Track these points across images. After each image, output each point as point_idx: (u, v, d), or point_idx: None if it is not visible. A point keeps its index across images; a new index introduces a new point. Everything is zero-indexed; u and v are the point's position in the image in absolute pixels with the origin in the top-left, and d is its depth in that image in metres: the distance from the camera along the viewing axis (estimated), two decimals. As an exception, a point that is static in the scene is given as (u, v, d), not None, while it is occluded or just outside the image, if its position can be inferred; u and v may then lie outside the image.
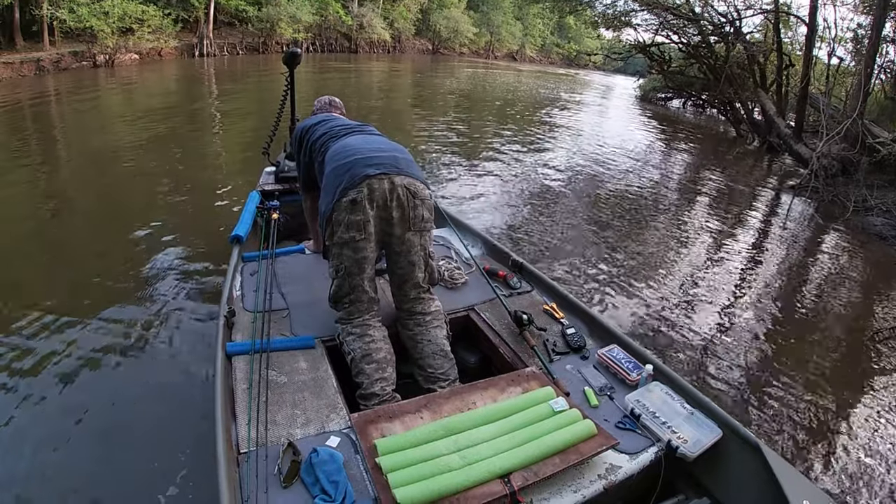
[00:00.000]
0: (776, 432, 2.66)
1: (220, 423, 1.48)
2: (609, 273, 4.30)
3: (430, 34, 32.66)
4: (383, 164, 1.93)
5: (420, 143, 8.23)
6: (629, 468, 1.53)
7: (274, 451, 1.47)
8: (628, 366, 1.93)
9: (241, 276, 2.49)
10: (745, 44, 11.95)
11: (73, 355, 2.67)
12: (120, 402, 2.38)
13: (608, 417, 1.72)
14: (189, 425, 2.22)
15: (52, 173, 5.71)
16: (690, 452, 1.55)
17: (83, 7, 14.06)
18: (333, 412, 1.66)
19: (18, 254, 3.86)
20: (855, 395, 3.10)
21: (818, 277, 4.99)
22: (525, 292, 2.54)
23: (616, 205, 6.31)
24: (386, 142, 2.16)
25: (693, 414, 1.69)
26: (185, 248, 3.97)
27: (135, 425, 2.26)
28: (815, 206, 7.23)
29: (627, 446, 1.60)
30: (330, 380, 1.80)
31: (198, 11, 18.56)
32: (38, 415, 2.28)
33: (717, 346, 3.43)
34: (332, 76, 17.32)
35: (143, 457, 2.09)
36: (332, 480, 1.36)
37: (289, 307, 2.25)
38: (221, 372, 1.72)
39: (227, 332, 2.00)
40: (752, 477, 1.55)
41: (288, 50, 3.18)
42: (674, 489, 1.66)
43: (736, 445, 1.62)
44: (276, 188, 3.40)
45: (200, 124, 8.78)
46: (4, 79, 11.86)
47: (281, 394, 1.71)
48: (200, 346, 2.78)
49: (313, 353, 1.95)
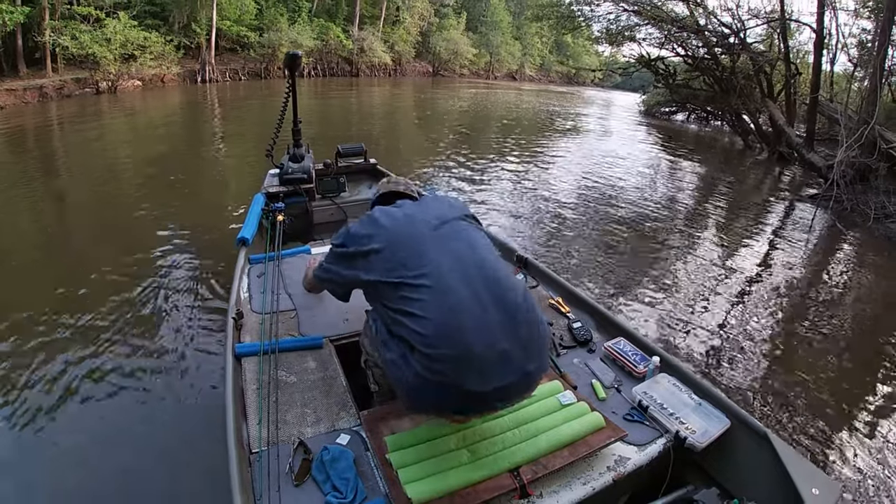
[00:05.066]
0: (785, 422, 2.65)
1: (231, 423, 1.50)
2: (624, 282, 4.21)
3: (430, 56, 32.91)
4: (498, 374, 1.29)
5: (425, 162, 8.09)
6: (638, 460, 1.53)
7: (285, 449, 1.49)
8: (635, 358, 1.93)
9: (248, 278, 2.51)
10: (751, 54, 11.86)
11: (82, 362, 2.73)
12: (130, 406, 2.45)
13: (616, 410, 1.73)
14: (200, 426, 2.27)
15: (58, 191, 5.97)
16: (699, 443, 1.55)
17: (85, 34, 14.15)
18: (343, 410, 1.68)
19: (26, 264, 3.99)
20: (869, 393, 3.06)
21: (839, 284, 4.85)
22: (531, 287, 2.52)
23: (629, 216, 6.12)
24: (499, 291, 1.36)
25: (701, 404, 1.70)
26: (191, 253, 4.09)
27: (146, 428, 2.30)
28: (836, 215, 7.00)
29: (636, 438, 1.60)
30: (339, 378, 1.82)
31: (200, 38, 18.69)
32: (48, 419, 2.33)
33: (732, 343, 3.41)
34: (335, 100, 17.36)
35: (155, 459, 2.13)
36: (344, 478, 1.38)
37: (296, 308, 2.26)
38: (231, 373, 1.73)
39: (236, 334, 2.02)
40: (760, 466, 1.55)
41: (289, 53, 3.16)
42: (682, 480, 1.65)
43: (744, 435, 1.62)
44: (281, 190, 3.43)
45: (203, 143, 8.88)
46: (8, 106, 11.83)
47: (291, 393, 1.73)
48: (210, 348, 2.85)
49: (321, 352, 1.96)
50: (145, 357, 2.81)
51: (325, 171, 3.80)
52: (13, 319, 3.07)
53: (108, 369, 2.69)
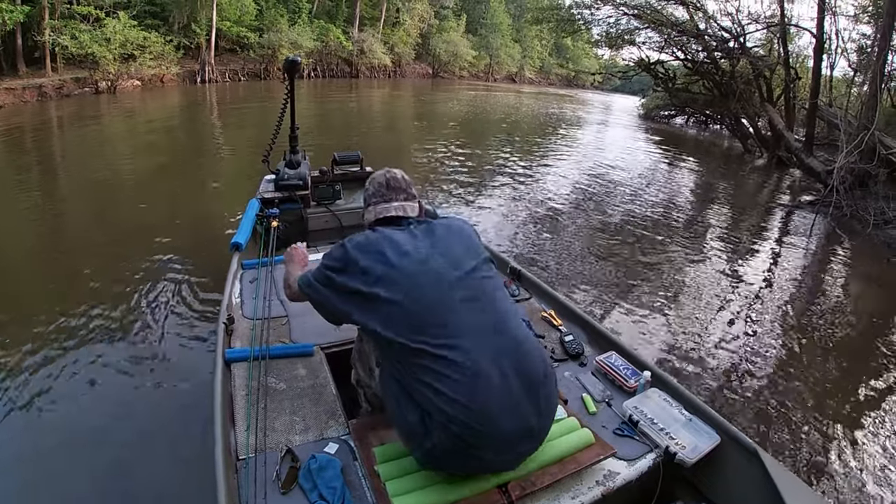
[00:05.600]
0: (776, 439, 2.62)
1: (218, 429, 1.48)
2: (619, 290, 4.19)
3: (429, 58, 32.96)
4: (521, 444, 1.34)
5: (423, 164, 8.08)
6: (627, 475, 1.53)
7: (272, 457, 1.48)
8: (626, 372, 1.92)
9: (240, 283, 2.51)
10: (751, 58, 11.88)
11: (72, 365, 2.70)
12: (119, 409, 2.41)
13: (606, 424, 1.72)
14: (187, 431, 2.22)
15: (54, 192, 5.96)
16: (689, 458, 1.54)
17: (85, 33, 14.14)
18: (332, 419, 1.66)
19: (20, 267, 3.99)
20: (863, 409, 3.01)
21: (837, 293, 4.81)
22: (523, 299, 2.52)
23: (625, 223, 6.10)
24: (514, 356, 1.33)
25: (691, 420, 1.69)
26: (184, 256, 4.05)
27: (133, 432, 2.28)
28: (835, 221, 6.99)
29: (626, 453, 1.59)
30: (329, 386, 1.81)
31: (199, 38, 18.69)
32: (35, 422, 2.33)
33: (725, 357, 3.37)
34: (334, 103, 17.34)
35: (142, 463, 2.11)
36: (331, 486, 1.37)
37: (288, 314, 2.25)
38: (220, 378, 1.72)
39: (227, 339, 2.01)
40: (750, 483, 1.54)
41: (288, 58, 3.15)
42: (672, 495, 1.64)
43: (734, 451, 1.61)
44: (276, 196, 3.42)
45: (201, 145, 8.84)
46: (7, 105, 11.81)
47: (280, 400, 1.72)
48: (200, 353, 2.81)
49: (312, 360, 1.95)
50: (133, 360, 2.78)
51: (321, 179, 3.78)
52: (1, 322, 3.05)
53: (94, 372, 2.67)
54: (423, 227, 1.47)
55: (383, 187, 1.56)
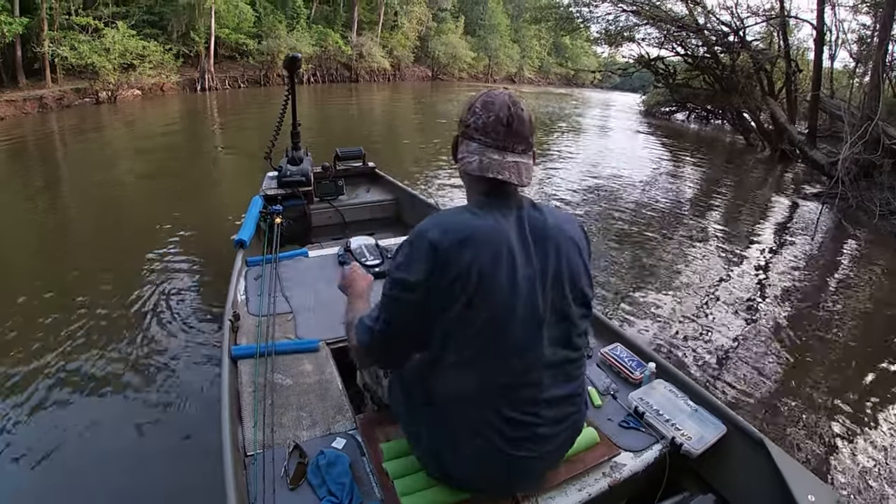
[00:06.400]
0: (782, 428, 2.60)
1: (226, 426, 1.48)
2: (624, 281, 4.18)
3: (429, 61, 32.97)
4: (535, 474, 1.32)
5: (423, 164, 8.05)
6: (634, 466, 1.53)
7: (280, 453, 1.48)
8: (631, 364, 1.92)
9: (245, 280, 2.52)
10: (751, 52, 11.82)
11: (75, 361, 2.73)
12: (123, 408, 2.43)
13: (612, 417, 1.72)
14: (195, 428, 2.25)
15: (57, 199, 6.02)
16: (694, 449, 1.55)
17: (84, 44, 14.19)
18: (339, 414, 1.67)
19: (22, 267, 4.04)
20: (870, 398, 2.98)
21: (845, 284, 4.74)
22: None
23: (630, 217, 6.07)
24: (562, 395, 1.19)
25: (697, 411, 1.69)
26: (188, 254, 4.11)
27: (139, 429, 2.29)
28: (841, 213, 6.92)
29: (632, 444, 1.59)
30: (335, 382, 1.81)
31: (198, 46, 18.73)
32: (47, 422, 2.32)
33: (731, 347, 3.34)
34: (334, 107, 17.36)
35: (149, 460, 2.12)
36: (339, 482, 1.38)
37: (293, 310, 2.27)
38: (227, 375, 1.73)
39: (233, 336, 2.01)
40: (756, 473, 1.54)
41: (288, 55, 3.15)
42: (678, 486, 1.64)
43: (740, 441, 1.61)
44: (279, 193, 3.43)
45: (202, 149, 8.93)
46: (8, 117, 11.84)
47: (286, 396, 1.72)
48: (206, 351, 2.84)
49: (318, 355, 1.95)
50: (140, 358, 2.80)
51: (324, 175, 3.79)
52: (8, 321, 3.09)
53: (101, 370, 2.69)
54: (539, 225, 1.09)
55: (502, 125, 1.08)
